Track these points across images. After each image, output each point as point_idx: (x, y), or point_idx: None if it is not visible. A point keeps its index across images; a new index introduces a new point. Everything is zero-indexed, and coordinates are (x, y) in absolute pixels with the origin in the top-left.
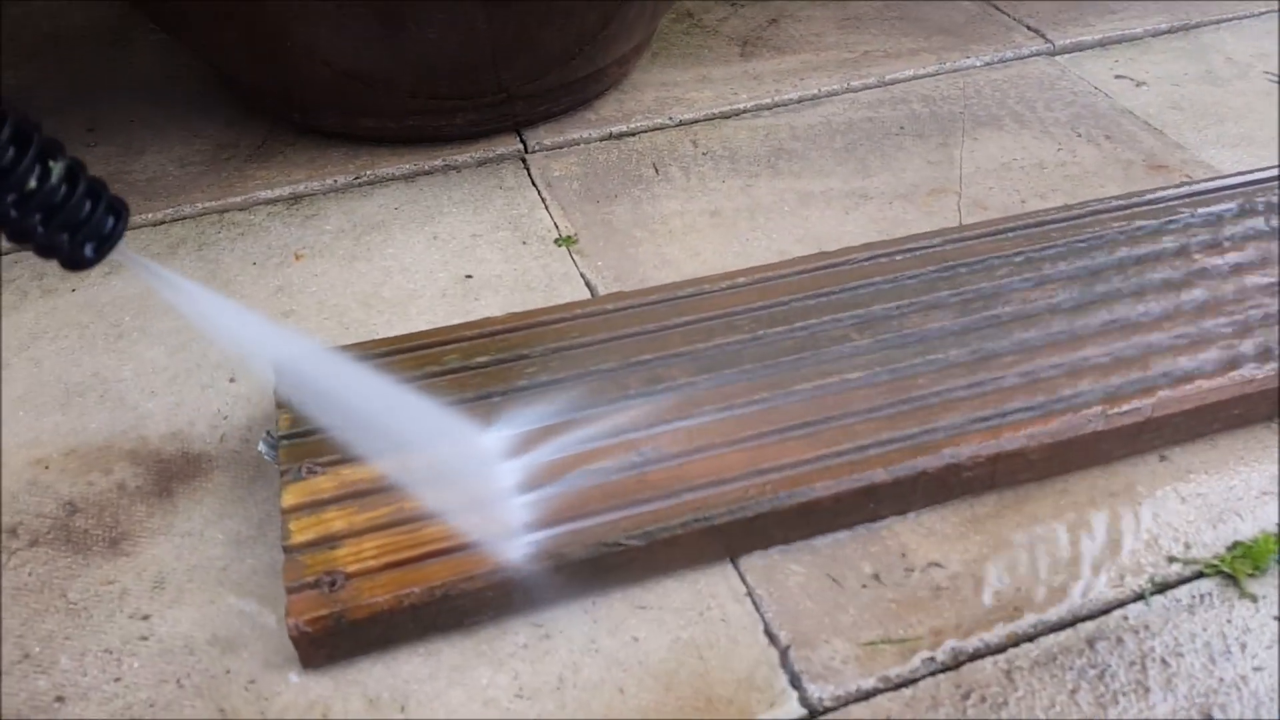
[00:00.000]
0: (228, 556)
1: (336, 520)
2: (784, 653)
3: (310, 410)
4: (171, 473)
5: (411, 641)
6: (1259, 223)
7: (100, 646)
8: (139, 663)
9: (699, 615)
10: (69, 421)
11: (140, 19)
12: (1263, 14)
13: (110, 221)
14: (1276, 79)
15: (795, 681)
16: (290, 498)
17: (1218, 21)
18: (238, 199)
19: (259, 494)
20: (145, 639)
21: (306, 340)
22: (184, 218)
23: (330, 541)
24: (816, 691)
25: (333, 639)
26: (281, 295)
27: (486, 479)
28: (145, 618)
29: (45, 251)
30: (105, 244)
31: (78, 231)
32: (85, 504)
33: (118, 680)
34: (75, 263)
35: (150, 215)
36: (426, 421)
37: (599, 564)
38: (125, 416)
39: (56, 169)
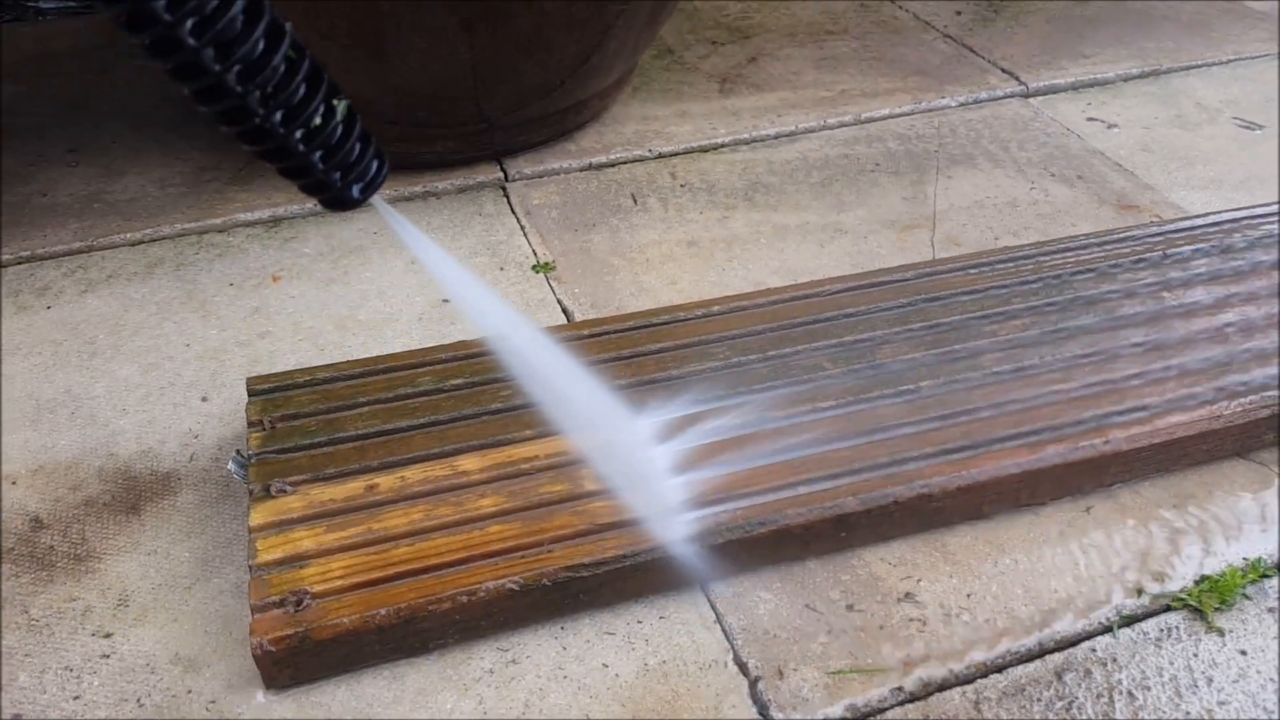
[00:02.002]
0: (194, 575)
1: (305, 540)
2: (752, 681)
3: None
4: (140, 490)
5: (376, 664)
6: (1228, 262)
7: (60, 664)
8: (99, 681)
9: (668, 642)
10: (39, 438)
11: (125, 42)
12: (1231, 61)
13: (375, 166)
14: (1245, 124)
15: (763, 710)
16: (258, 517)
17: (1187, 68)
18: (217, 220)
19: (228, 513)
20: (106, 657)
21: (527, 322)
22: (162, 238)
23: (298, 561)
24: (783, 719)
25: (297, 659)
26: (258, 316)
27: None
28: (107, 635)
29: (315, 188)
30: (370, 187)
31: (349, 172)
32: (52, 520)
33: (77, 699)
34: (342, 201)
35: (129, 235)
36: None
37: (567, 588)
38: (96, 434)
39: (340, 108)
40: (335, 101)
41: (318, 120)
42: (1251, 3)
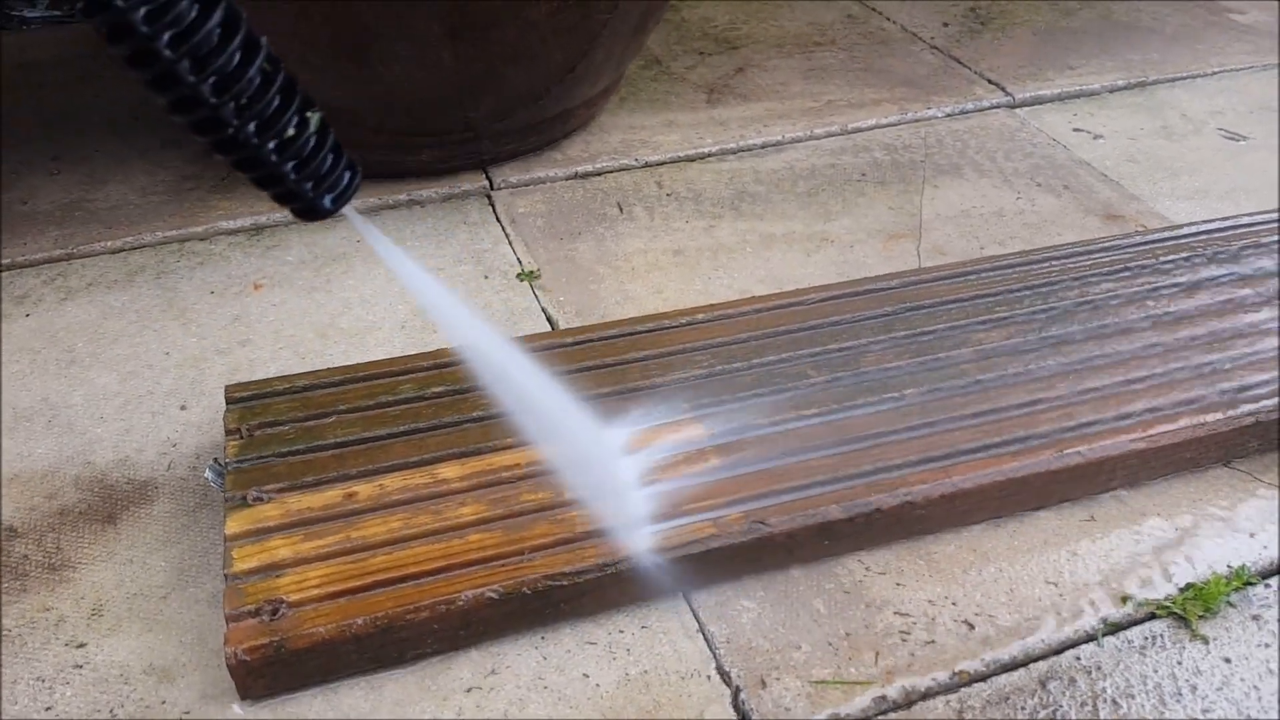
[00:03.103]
0: (170, 584)
1: (282, 548)
2: (735, 691)
3: None
4: (117, 499)
5: (354, 674)
6: (1213, 272)
7: (33, 674)
8: (72, 692)
9: (649, 651)
10: (15, 446)
11: (108, 53)
12: (1216, 73)
13: (348, 177)
14: (1230, 135)
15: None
16: (234, 525)
17: (1173, 79)
18: (199, 229)
19: (204, 521)
20: (80, 667)
21: (497, 333)
22: (144, 246)
23: (274, 570)
24: None
25: (272, 669)
26: (238, 324)
27: None
28: (81, 645)
29: (287, 198)
30: (342, 197)
31: (321, 182)
32: (26, 529)
33: (49, 710)
34: (313, 211)
35: (110, 243)
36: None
37: (548, 597)
38: (73, 442)
39: (313, 120)
40: (309, 114)
41: (291, 131)
42: (1236, 16)
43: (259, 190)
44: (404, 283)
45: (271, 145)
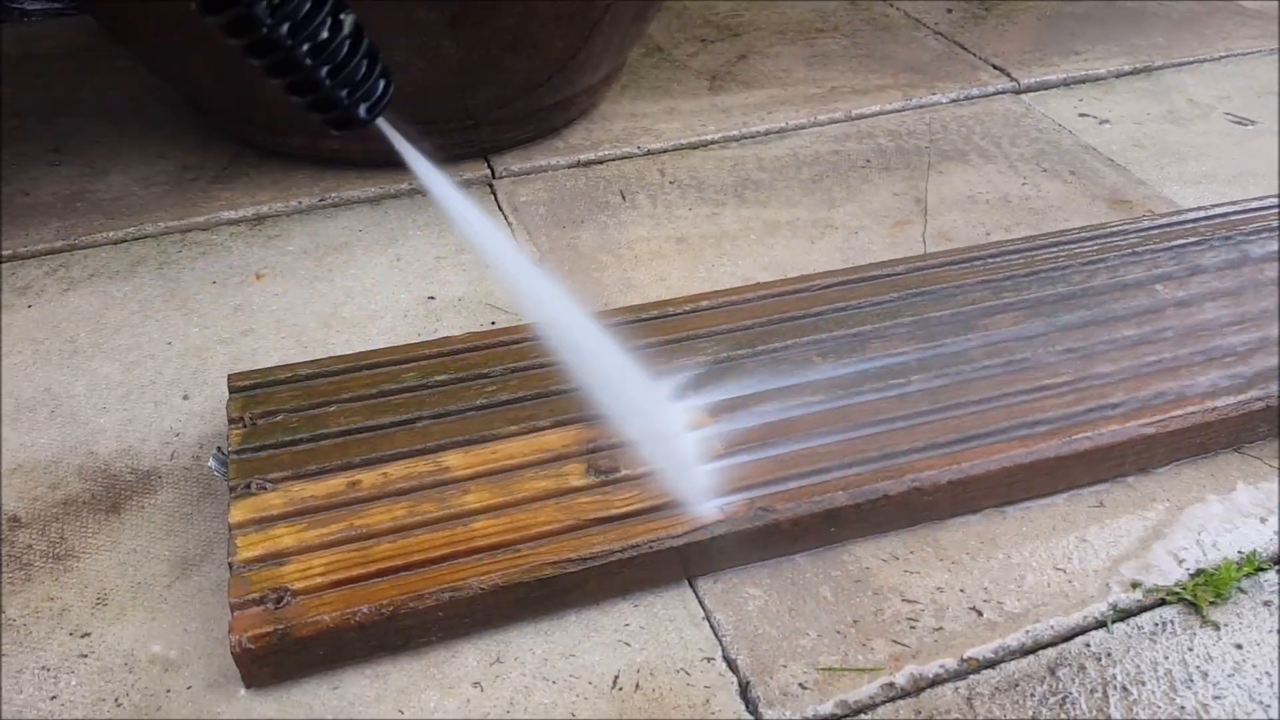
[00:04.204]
0: (173, 573)
1: (285, 536)
2: (742, 678)
3: None
4: (120, 489)
5: (358, 662)
6: (1221, 256)
7: (38, 664)
8: (77, 681)
9: (655, 639)
10: (18, 436)
11: (109, 43)
12: (1223, 58)
13: (382, 85)
14: (1237, 119)
15: (753, 707)
16: (238, 513)
17: (1179, 64)
18: (200, 219)
19: (208, 510)
20: (85, 656)
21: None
22: (145, 236)
23: (278, 558)
24: (773, 717)
25: (277, 657)
26: (240, 314)
27: None
28: (85, 635)
29: (322, 105)
30: (377, 106)
31: (356, 89)
32: (30, 519)
33: (54, 698)
34: (349, 121)
35: (111, 234)
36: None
37: (554, 584)
38: (76, 432)
39: (347, 22)
40: (342, 16)
41: (325, 34)
42: (1243, 0)
43: (292, 97)
44: (451, 215)
45: (305, 48)
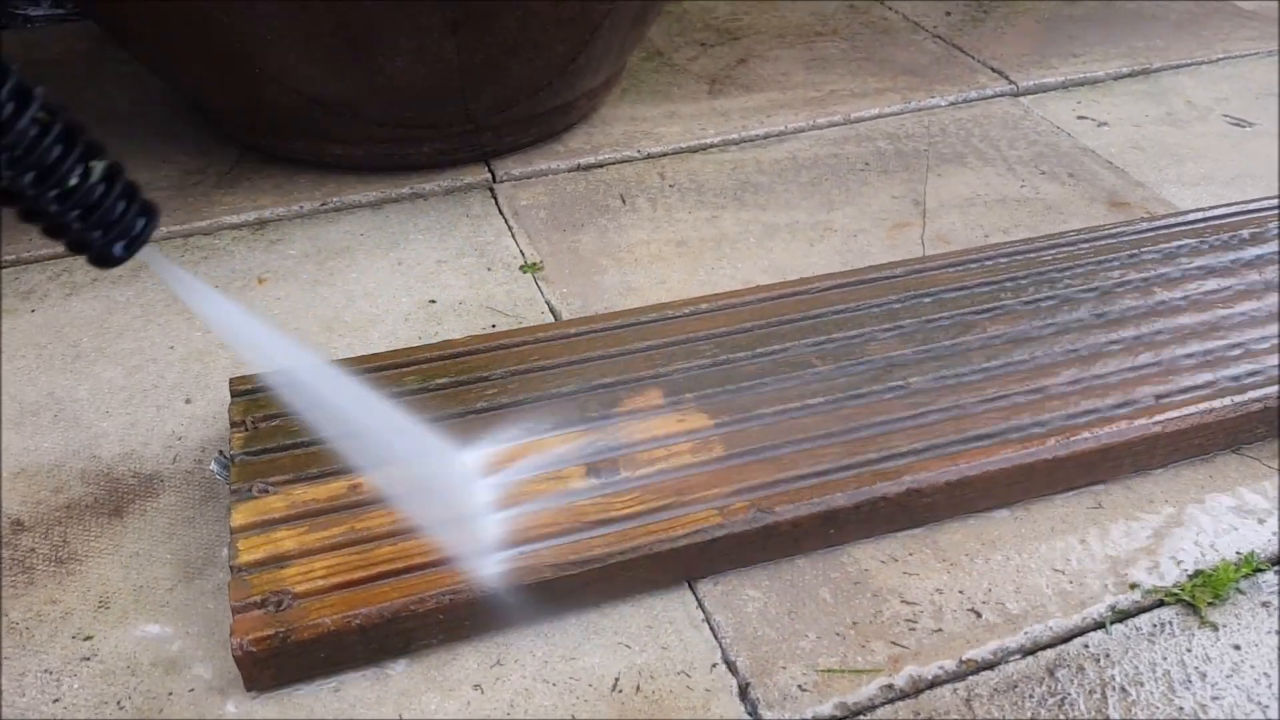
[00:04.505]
0: (175, 576)
1: (287, 540)
2: (741, 679)
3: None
4: (122, 492)
5: (360, 665)
6: (1219, 258)
7: (40, 667)
8: (79, 684)
9: (655, 641)
10: (21, 440)
11: (112, 49)
12: (1220, 59)
13: (141, 223)
14: (1235, 121)
15: (752, 709)
16: (240, 517)
17: (1177, 66)
18: (203, 223)
19: (210, 514)
20: (87, 660)
21: (309, 353)
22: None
23: (279, 561)
24: (773, 718)
25: (278, 660)
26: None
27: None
28: (88, 638)
29: (77, 247)
30: (134, 244)
31: (110, 230)
32: (33, 523)
33: (57, 701)
34: (104, 259)
35: None
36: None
37: (553, 588)
38: (79, 436)
39: (97, 169)
40: (93, 162)
41: (74, 181)
42: (1241, 2)
43: (51, 239)
44: (203, 314)
45: (52, 195)
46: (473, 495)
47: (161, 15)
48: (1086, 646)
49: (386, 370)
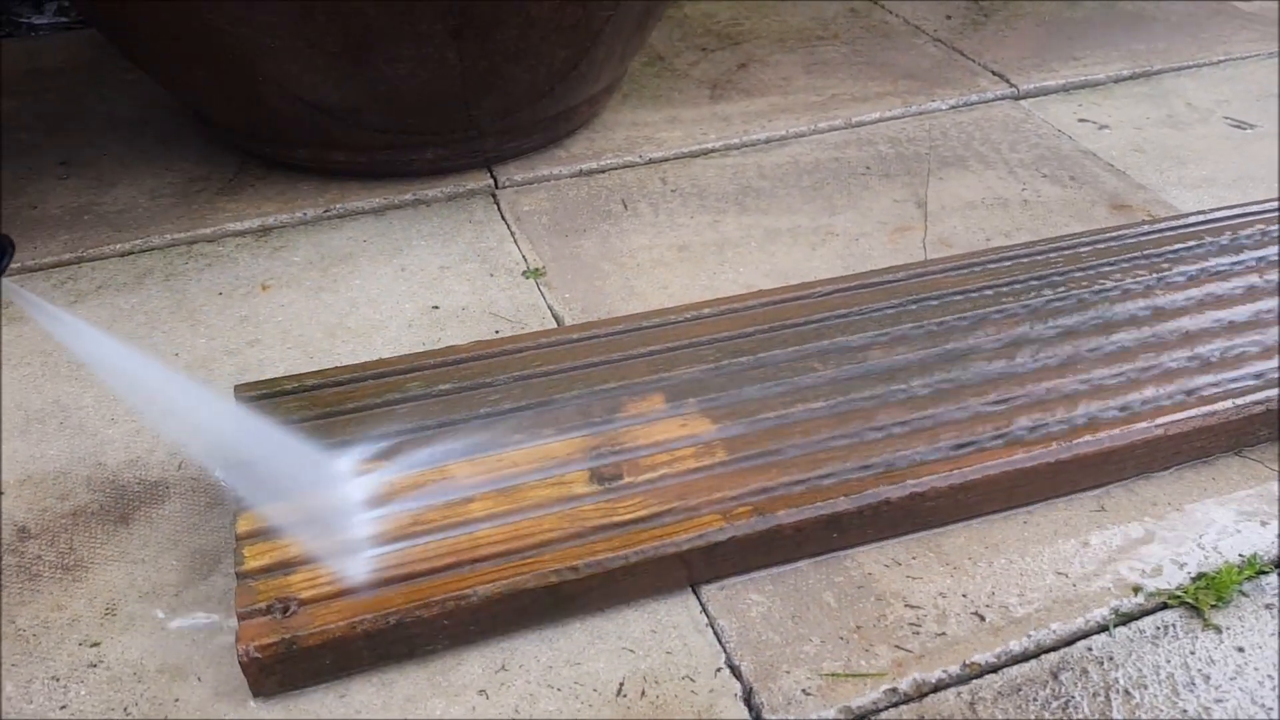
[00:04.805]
0: (181, 583)
1: (292, 546)
2: (745, 684)
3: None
4: (128, 499)
5: (365, 671)
6: (1221, 260)
7: (47, 674)
8: (86, 690)
9: (659, 645)
10: (27, 447)
11: (116, 57)
12: (1221, 61)
13: None
14: (1236, 123)
15: (756, 713)
16: (245, 523)
17: (1178, 68)
18: (207, 230)
19: (215, 520)
20: (94, 666)
21: (202, 391)
22: (152, 248)
23: (285, 567)
24: None
25: (284, 666)
26: (247, 325)
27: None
28: (95, 645)
29: None
30: None
31: None
32: (39, 530)
33: (64, 708)
34: None
35: (119, 246)
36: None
37: (558, 592)
38: (84, 443)
39: None
40: None
41: None
42: (1241, 4)
43: None
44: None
45: None
46: (475, 501)
47: (164, 23)
48: (1090, 649)
49: (390, 376)
